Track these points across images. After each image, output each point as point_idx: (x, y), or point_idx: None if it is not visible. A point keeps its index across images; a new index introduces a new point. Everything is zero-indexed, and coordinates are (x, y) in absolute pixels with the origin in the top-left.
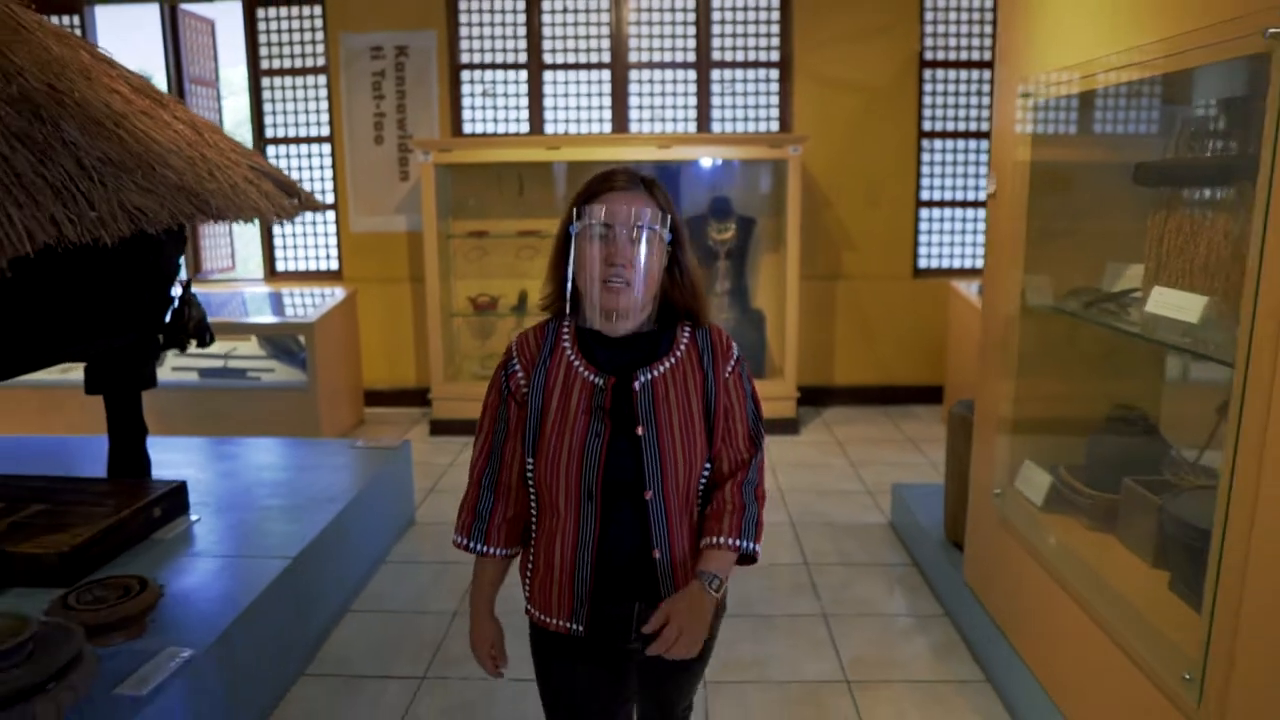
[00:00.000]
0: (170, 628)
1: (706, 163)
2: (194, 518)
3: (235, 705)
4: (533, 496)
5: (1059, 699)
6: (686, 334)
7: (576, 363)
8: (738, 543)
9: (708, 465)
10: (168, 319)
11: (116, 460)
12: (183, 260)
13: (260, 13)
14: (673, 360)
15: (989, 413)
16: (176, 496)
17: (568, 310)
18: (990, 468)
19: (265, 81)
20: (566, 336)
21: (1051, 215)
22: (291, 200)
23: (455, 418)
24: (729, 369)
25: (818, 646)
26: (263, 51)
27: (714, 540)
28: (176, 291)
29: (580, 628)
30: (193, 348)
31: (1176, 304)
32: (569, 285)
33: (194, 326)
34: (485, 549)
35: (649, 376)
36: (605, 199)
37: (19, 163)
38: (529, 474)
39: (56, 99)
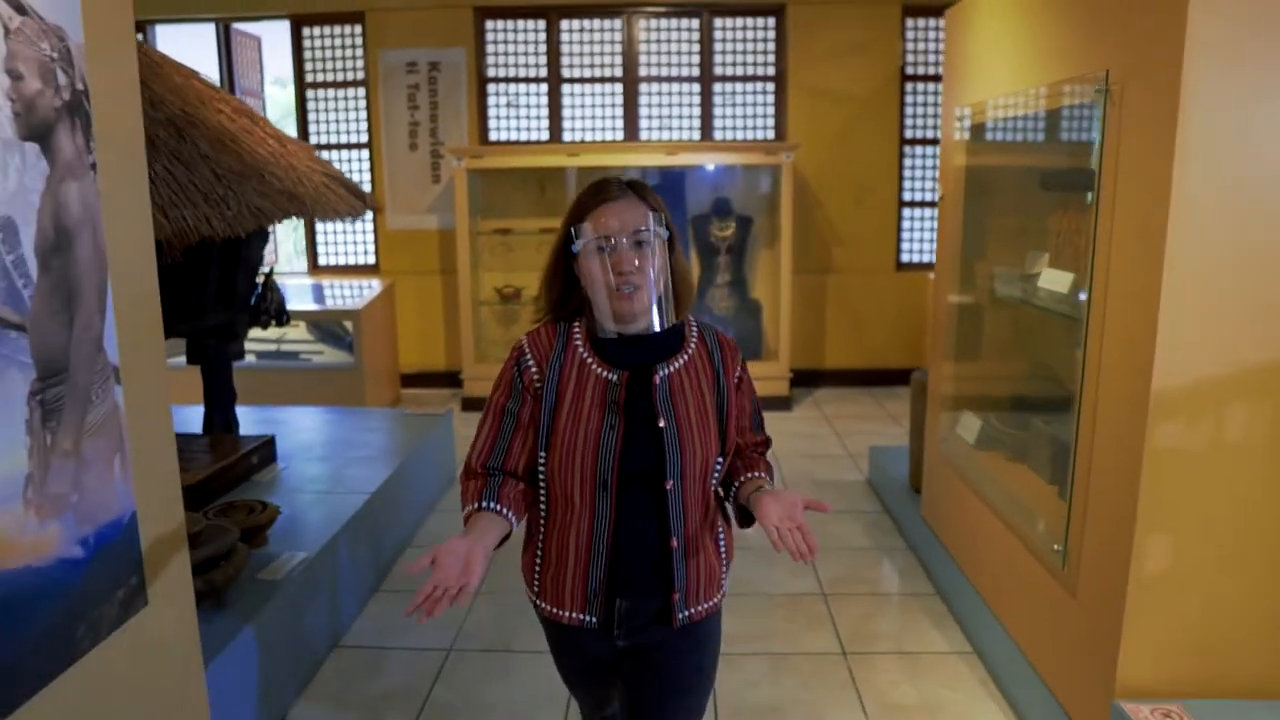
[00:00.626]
0: (284, 540)
1: (710, 167)
2: (281, 466)
3: (335, 600)
4: (543, 492)
5: (986, 594)
6: (695, 332)
7: (589, 359)
8: (765, 480)
9: (719, 460)
10: (254, 302)
11: (211, 421)
12: (264, 252)
13: (306, 31)
14: (686, 356)
15: (938, 376)
16: (267, 448)
17: (598, 329)
18: (939, 421)
19: (310, 93)
20: (578, 335)
21: (985, 214)
22: (358, 201)
23: (485, 395)
24: (738, 370)
25: (799, 571)
26: (308, 66)
27: (751, 476)
28: (260, 279)
29: (594, 619)
30: (272, 326)
31: (1056, 281)
32: (571, 295)
33: (275, 309)
34: (496, 505)
35: (667, 371)
36: (600, 213)
37: (179, 173)
38: (541, 468)
39: (189, 120)
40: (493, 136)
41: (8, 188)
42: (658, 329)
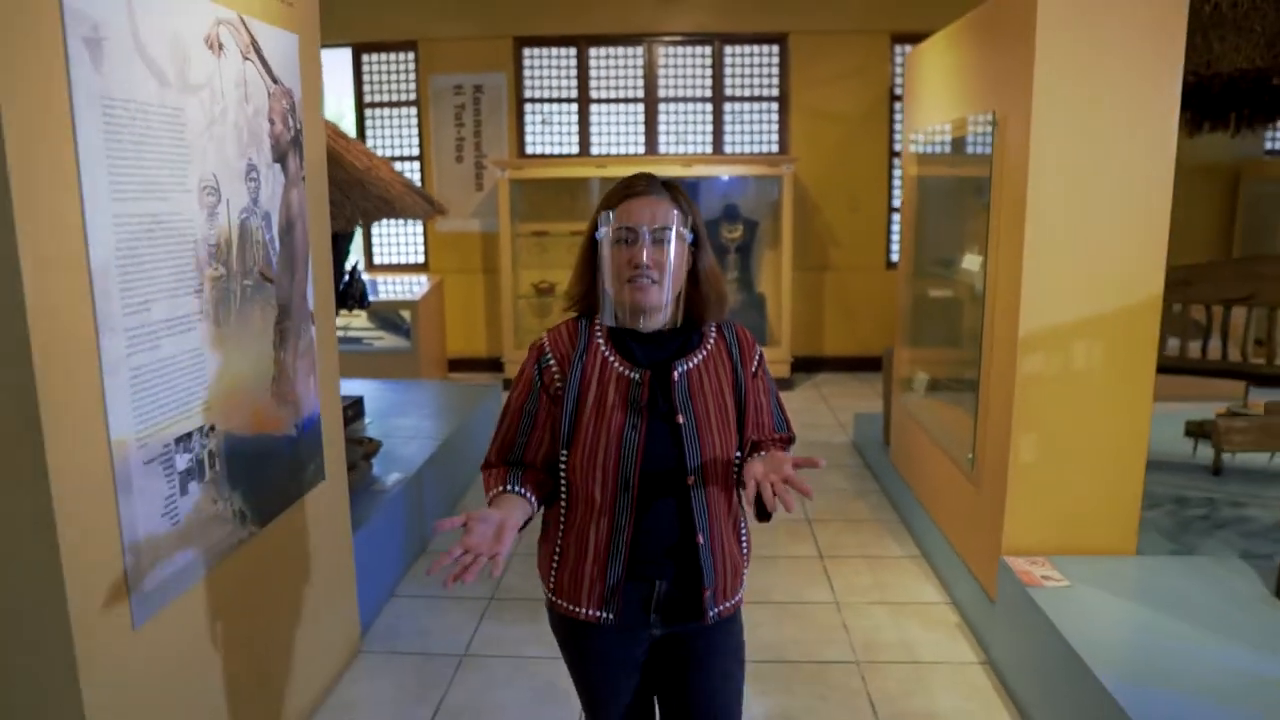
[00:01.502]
0: (383, 467)
1: (725, 177)
2: (368, 420)
3: (420, 515)
4: (563, 491)
5: (928, 506)
6: (714, 330)
7: (611, 358)
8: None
9: (738, 455)
10: (340, 289)
11: None
12: (351, 248)
13: (365, 57)
14: (704, 353)
15: (901, 347)
16: (358, 405)
17: (603, 315)
18: (901, 381)
19: (368, 112)
20: (600, 334)
21: (935, 217)
22: (429, 205)
23: None
24: (755, 364)
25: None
26: (366, 88)
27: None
28: (347, 271)
29: (610, 616)
30: (355, 310)
31: (972, 263)
32: (602, 290)
33: (358, 295)
34: (520, 489)
35: (685, 368)
36: (628, 204)
37: None
38: (561, 467)
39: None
40: (529, 150)
41: (266, 192)
42: (664, 326)
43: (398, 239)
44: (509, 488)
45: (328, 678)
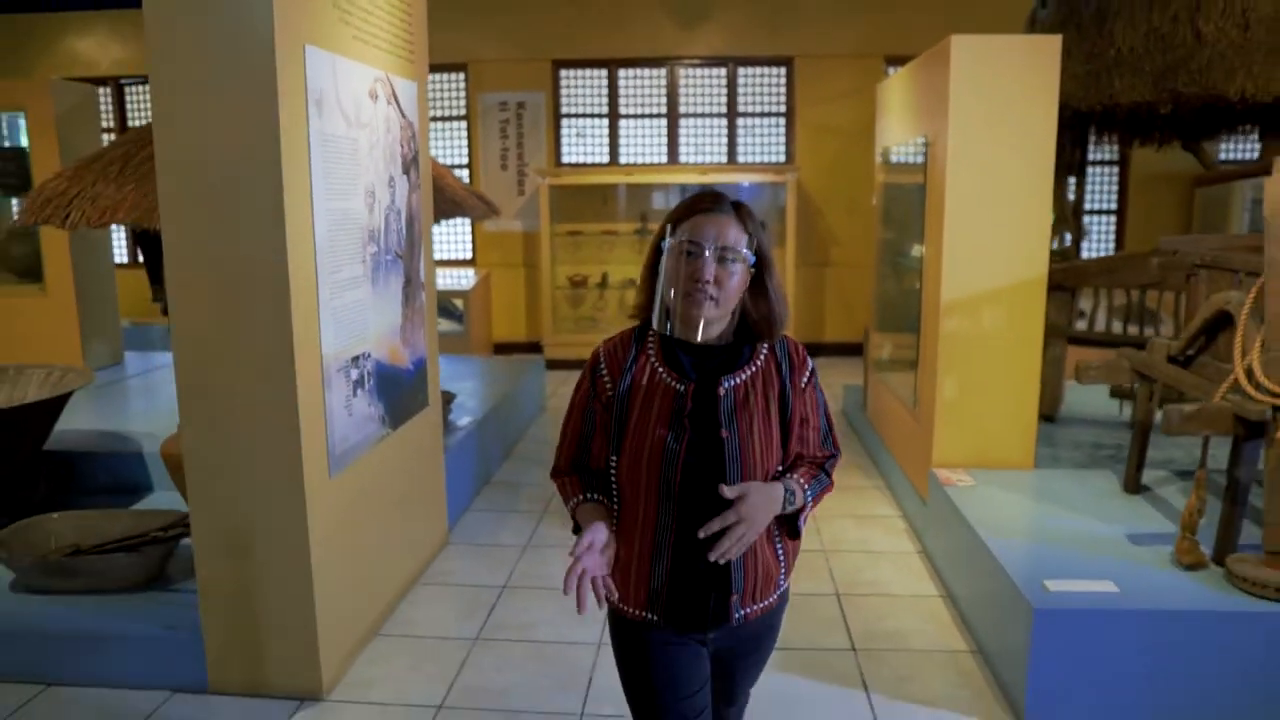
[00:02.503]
0: (456, 414)
1: (746, 184)
2: None
3: (487, 453)
4: (615, 492)
5: (890, 446)
6: (764, 346)
7: (660, 370)
8: (806, 488)
9: (780, 470)
10: None
11: None
12: None
13: None
14: (754, 369)
15: (873, 325)
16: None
17: (653, 321)
18: (874, 354)
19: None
20: (652, 346)
21: (896, 217)
22: (487, 207)
23: (559, 358)
24: (805, 379)
25: None
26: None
27: (790, 477)
28: None
29: (655, 616)
30: None
31: (918, 251)
32: (657, 298)
33: None
34: (598, 496)
35: (732, 383)
36: (695, 220)
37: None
38: (612, 471)
39: None
40: (565, 159)
41: (399, 196)
42: (718, 341)
43: (449, 236)
44: (588, 496)
45: (428, 555)
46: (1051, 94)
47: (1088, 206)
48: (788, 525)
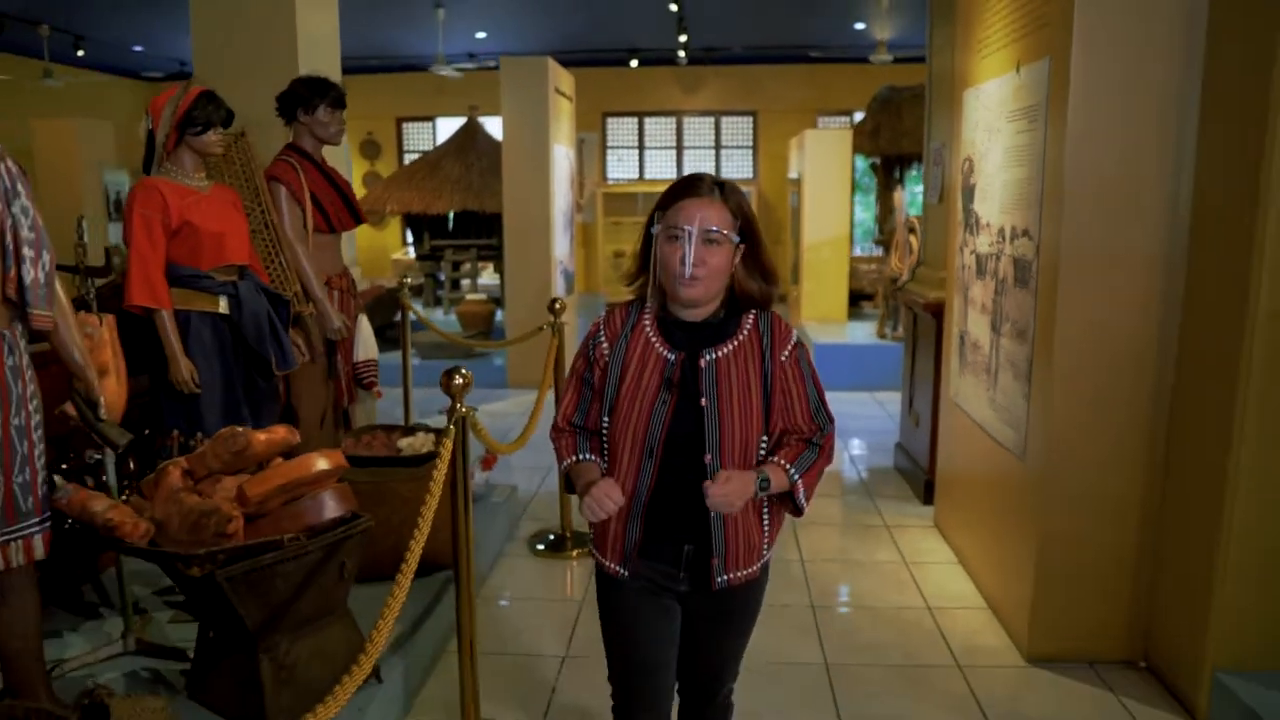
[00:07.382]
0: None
1: None
2: None
3: None
4: (605, 453)
5: None
6: (750, 320)
7: (654, 339)
8: (790, 467)
9: (764, 438)
10: None
11: None
12: None
13: None
14: (736, 343)
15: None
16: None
17: (649, 293)
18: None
19: None
20: (648, 317)
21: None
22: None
23: (610, 300)
24: (785, 353)
25: None
26: None
27: (773, 460)
28: None
29: (626, 572)
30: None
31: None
32: (651, 278)
33: None
34: (591, 457)
35: (714, 355)
36: (680, 205)
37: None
38: (604, 432)
39: None
40: (610, 177)
41: (566, 208)
42: (709, 316)
43: None
44: (580, 456)
45: None
46: (845, 137)
47: None
48: (790, 504)
